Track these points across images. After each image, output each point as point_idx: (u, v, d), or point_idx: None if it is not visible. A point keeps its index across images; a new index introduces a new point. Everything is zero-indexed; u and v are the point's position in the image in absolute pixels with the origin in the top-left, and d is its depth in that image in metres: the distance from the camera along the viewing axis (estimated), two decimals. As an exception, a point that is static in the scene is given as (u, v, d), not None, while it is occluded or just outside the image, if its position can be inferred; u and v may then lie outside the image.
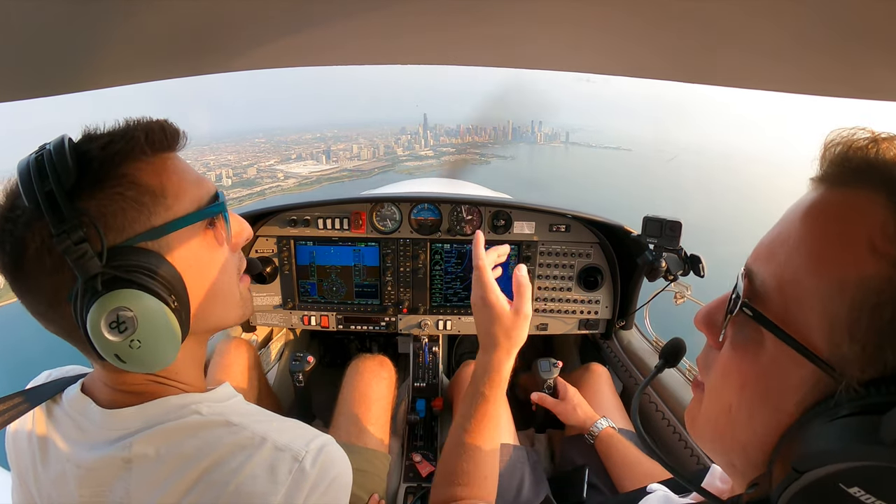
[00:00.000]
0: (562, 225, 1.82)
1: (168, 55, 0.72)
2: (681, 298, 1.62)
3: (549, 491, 1.37)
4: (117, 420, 0.61)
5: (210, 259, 0.63)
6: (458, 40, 0.83)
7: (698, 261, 1.46)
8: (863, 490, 0.32)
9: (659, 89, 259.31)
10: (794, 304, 0.37)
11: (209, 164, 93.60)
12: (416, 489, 1.48)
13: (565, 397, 1.50)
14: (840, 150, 0.39)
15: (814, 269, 0.36)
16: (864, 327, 0.33)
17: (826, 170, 0.40)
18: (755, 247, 0.44)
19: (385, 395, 1.56)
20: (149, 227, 0.56)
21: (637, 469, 1.27)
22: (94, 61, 0.64)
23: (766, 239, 0.42)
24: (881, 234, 0.33)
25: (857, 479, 0.32)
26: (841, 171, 0.38)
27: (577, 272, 1.85)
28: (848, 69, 0.58)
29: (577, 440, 1.46)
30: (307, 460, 0.61)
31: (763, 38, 0.56)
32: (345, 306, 1.92)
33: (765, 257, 0.41)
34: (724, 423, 0.44)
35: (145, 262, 0.54)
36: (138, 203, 0.55)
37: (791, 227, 0.40)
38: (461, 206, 1.82)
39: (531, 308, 0.93)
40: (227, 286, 0.66)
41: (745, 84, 0.77)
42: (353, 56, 0.94)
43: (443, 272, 1.89)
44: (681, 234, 1.49)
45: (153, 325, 0.54)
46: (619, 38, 0.69)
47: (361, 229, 1.82)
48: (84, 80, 0.69)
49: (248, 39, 0.73)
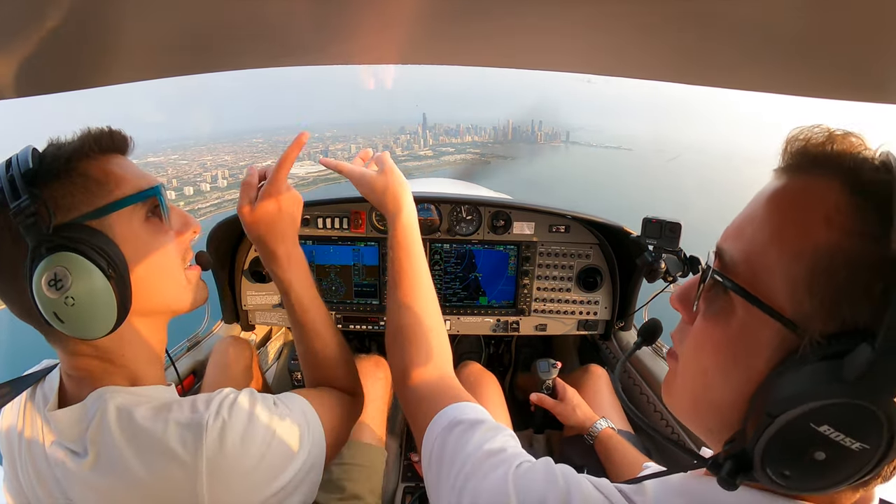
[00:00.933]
0: (561, 225, 1.82)
1: (173, 52, 0.72)
2: (680, 300, 1.62)
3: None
4: (60, 423, 0.66)
5: (151, 241, 0.69)
6: (460, 39, 0.83)
7: (698, 262, 1.46)
8: (831, 427, 0.36)
9: (660, 88, 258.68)
10: (760, 271, 0.42)
11: (206, 164, 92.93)
12: (414, 489, 1.48)
13: (564, 398, 1.50)
14: (799, 144, 0.44)
15: (777, 242, 0.42)
16: (822, 287, 0.38)
17: (788, 161, 0.45)
18: (725, 229, 0.49)
19: (381, 395, 1.56)
20: (93, 208, 0.64)
21: (636, 469, 1.27)
22: (96, 59, 0.65)
23: (735, 221, 0.48)
24: (835, 210, 0.39)
25: (825, 418, 0.36)
26: (801, 161, 0.44)
27: (577, 273, 1.85)
28: (849, 72, 0.58)
29: (576, 441, 1.46)
30: (210, 419, 0.66)
31: (765, 41, 0.56)
32: (344, 306, 1.91)
33: (733, 236, 0.47)
34: (699, 387, 0.48)
35: (87, 235, 0.62)
36: (85, 189, 0.64)
37: (757, 209, 0.45)
38: (461, 206, 1.82)
39: (393, 166, 0.97)
40: (170, 269, 0.72)
41: (747, 87, 0.77)
42: (355, 55, 0.94)
43: (442, 272, 1.88)
44: (680, 235, 1.49)
45: (87, 284, 0.60)
46: (621, 39, 0.69)
47: (361, 229, 1.81)
48: (84, 77, 0.70)
49: (251, 38, 0.73)
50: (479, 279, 1.90)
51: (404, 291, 0.88)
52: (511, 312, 1.92)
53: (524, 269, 1.85)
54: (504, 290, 1.91)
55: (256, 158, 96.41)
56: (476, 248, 1.86)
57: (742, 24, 0.52)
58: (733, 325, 0.44)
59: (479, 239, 1.84)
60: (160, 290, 0.71)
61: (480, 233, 1.83)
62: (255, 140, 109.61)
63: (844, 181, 0.40)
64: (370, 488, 1.34)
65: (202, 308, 1.76)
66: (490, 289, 1.91)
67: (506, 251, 1.86)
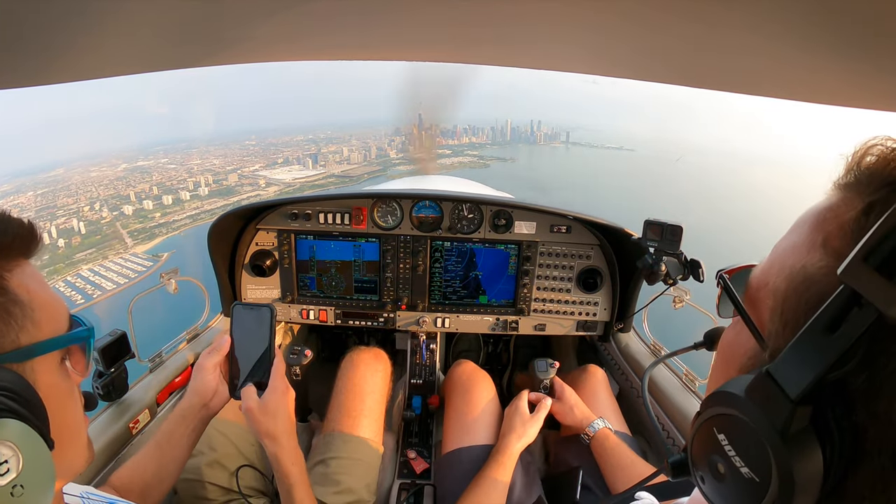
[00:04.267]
0: (563, 226, 1.82)
1: (168, 46, 0.72)
2: (679, 303, 1.62)
3: (541, 491, 1.38)
4: None
5: (68, 392, 0.53)
6: (464, 38, 0.83)
7: (698, 266, 1.46)
8: (726, 439, 0.37)
9: (661, 88, 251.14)
10: (762, 282, 0.42)
11: (192, 169, 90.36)
12: (409, 485, 1.48)
13: (562, 397, 1.51)
14: (850, 160, 0.39)
15: (785, 253, 0.40)
16: (790, 306, 0.36)
17: (841, 177, 0.40)
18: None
19: (380, 387, 1.57)
20: (15, 347, 0.49)
21: (632, 471, 1.28)
22: (87, 51, 0.64)
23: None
24: (838, 231, 0.35)
25: (723, 427, 0.37)
26: (851, 177, 0.38)
27: (577, 273, 1.85)
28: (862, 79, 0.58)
29: (573, 441, 1.47)
30: None
31: (770, 45, 0.55)
32: (344, 301, 1.92)
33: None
34: (710, 381, 0.51)
35: (15, 386, 0.47)
36: (7, 314, 0.49)
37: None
38: (463, 204, 1.82)
39: (535, 431, 1.40)
40: (79, 425, 0.57)
41: (751, 91, 0.77)
42: (355, 51, 0.94)
43: (442, 270, 1.88)
44: (681, 238, 1.48)
45: (36, 461, 0.46)
46: (627, 42, 0.69)
47: (362, 225, 1.81)
48: (82, 69, 0.69)
49: (248, 33, 0.72)
50: (480, 278, 1.90)
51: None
52: (510, 312, 1.92)
53: (525, 268, 1.85)
54: (504, 289, 1.91)
55: (244, 162, 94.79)
56: (477, 246, 1.86)
57: (752, 32, 0.51)
58: (732, 332, 0.46)
59: (480, 237, 1.84)
60: (67, 450, 0.54)
61: (482, 231, 1.83)
62: (248, 142, 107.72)
63: (865, 197, 0.35)
64: (365, 483, 1.35)
65: (202, 301, 1.77)
66: (490, 288, 1.91)
67: (507, 250, 1.86)
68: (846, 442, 0.31)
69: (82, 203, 70.39)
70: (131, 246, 57.83)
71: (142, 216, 68.03)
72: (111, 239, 59.07)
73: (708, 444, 0.39)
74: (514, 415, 1.44)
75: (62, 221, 62.25)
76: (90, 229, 61.22)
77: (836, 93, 0.66)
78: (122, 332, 1.24)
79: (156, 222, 66.52)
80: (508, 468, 1.31)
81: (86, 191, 75.70)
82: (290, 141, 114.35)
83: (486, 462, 1.33)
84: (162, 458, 0.96)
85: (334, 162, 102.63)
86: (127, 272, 45.95)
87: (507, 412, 1.48)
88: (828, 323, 0.31)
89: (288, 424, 0.98)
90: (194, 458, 1.28)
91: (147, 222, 66.38)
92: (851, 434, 0.31)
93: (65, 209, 67.67)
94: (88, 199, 72.27)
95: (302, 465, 1.01)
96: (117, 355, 1.24)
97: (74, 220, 62.51)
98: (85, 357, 0.56)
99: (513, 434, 1.37)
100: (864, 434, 0.31)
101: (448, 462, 1.42)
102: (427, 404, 1.79)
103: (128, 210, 68.56)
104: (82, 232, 59.48)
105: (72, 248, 53.84)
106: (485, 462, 1.34)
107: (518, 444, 1.35)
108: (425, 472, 1.54)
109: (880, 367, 0.30)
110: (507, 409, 1.49)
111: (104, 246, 56.08)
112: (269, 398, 0.96)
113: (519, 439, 1.36)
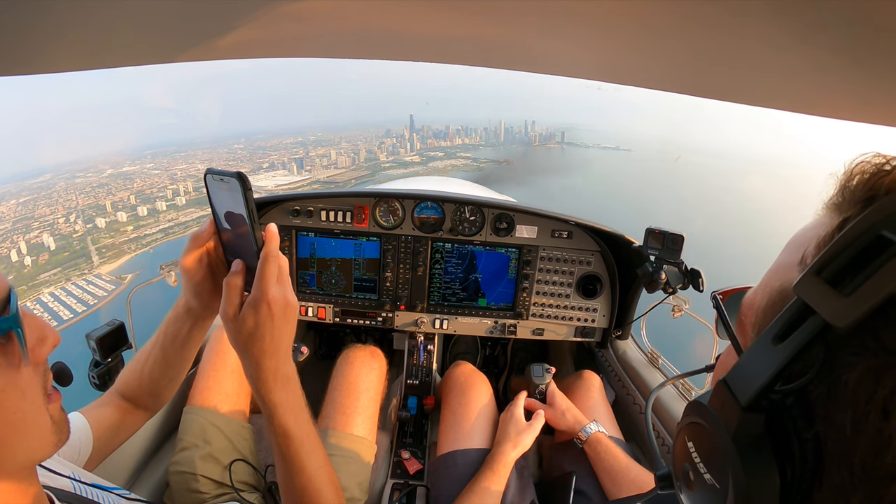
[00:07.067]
0: (564, 231, 1.82)
1: (160, 39, 0.72)
2: (678, 312, 1.62)
3: (534, 496, 1.37)
4: None
5: (3, 384, 0.49)
6: (465, 40, 0.83)
7: (698, 275, 1.46)
8: (693, 446, 0.38)
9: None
10: (750, 307, 0.42)
11: (176, 175, 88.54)
12: (402, 486, 1.48)
13: (553, 402, 1.50)
14: (842, 178, 0.38)
15: (770, 278, 0.41)
16: (766, 322, 0.36)
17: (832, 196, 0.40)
18: None
19: (375, 385, 1.56)
20: None
21: (625, 476, 1.27)
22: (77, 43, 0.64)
23: None
24: (815, 249, 0.35)
25: (692, 435, 0.39)
26: (838, 197, 0.38)
27: (577, 279, 1.85)
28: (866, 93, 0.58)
29: (567, 446, 1.46)
30: None
31: (777, 57, 0.56)
32: (342, 299, 1.92)
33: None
34: None
35: None
36: None
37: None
38: (465, 206, 1.82)
39: (530, 440, 1.40)
40: (32, 414, 0.52)
41: (754, 101, 0.77)
42: (352, 50, 0.94)
43: (442, 271, 1.88)
44: (682, 247, 1.48)
45: None
46: (634, 50, 0.69)
47: (364, 223, 1.82)
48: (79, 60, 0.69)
49: (237, 27, 0.72)
50: (479, 280, 1.90)
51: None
52: (509, 315, 1.92)
53: (525, 272, 1.85)
54: (503, 292, 1.91)
55: (231, 167, 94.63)
56: (478, 249, 1.86)
57: (757, 42, 0.51)
58: (727, 351, 0.48)
59: (481, 240, 1.84)
60: (17, 445, 0.51)
61: (483, 234, 1.83)
62: (237, 146, 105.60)
63: (840, 214, 0.35)
64: (358, 482, 1.35)
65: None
66: (489, 291, 1.91)
67: (507, 254, 1.86)
68: (808, 453, 0.31)
69: (59, 214, 70.12)
70: (97, 265, 57.45)
71: (114, 230, 67.59)
72: (79, 256, 58.62)
73: (682, 454, 0.40)
74: (510, 422, 1.43)
75: (34, 235, 62.12)
76: (60, 245, 60.87)
77: (845, 108, 0.66)
78: (119, 322, 1.24)
79: (127, 237, 66.22)
80: (503, 476, 1.30)
81: (65, 200, 75.29)
82: (278, 144, 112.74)
83: (480, 469, 1.32)
84: (167, 359, 0.89)
85: (321, 166, 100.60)
86: (87, 297, 45.48)
87: (502, 418, 1.47)
88: (778, 333, 0.33)
89: (275, 347, 0.70)
90: (187, 451, 1.28)
91: (118, 236, 66.06)
92: (813, 445, 0.31)
93: (41, 220, 67.62)
94: (66, 209, 71.88)
95: (306, 419, 0.78)
96: (115, 345, 1.24)
97: (46, 234, 62.12)
98: (19, 344, 0.49)
99: (508, 443, 1.37)
100: (824, 446, 0.31)
101: (442, 464, 1.42)
102: (422, 405, 1.79)
103: (101, 223, 68.25)
104: (51, 248, 59.22)
105: (38, 266, 53.39)
106: (479, 468, 1.33)
107: (513, 453, 1.35)
108: (419, 473, 1.53)
109: (837, 378, 0.30)
110: (502, 415, 1.48)
111: (70, 265, 55.69)
112: (246, 313, 0.68)
113: (514, 448, 1.36)
